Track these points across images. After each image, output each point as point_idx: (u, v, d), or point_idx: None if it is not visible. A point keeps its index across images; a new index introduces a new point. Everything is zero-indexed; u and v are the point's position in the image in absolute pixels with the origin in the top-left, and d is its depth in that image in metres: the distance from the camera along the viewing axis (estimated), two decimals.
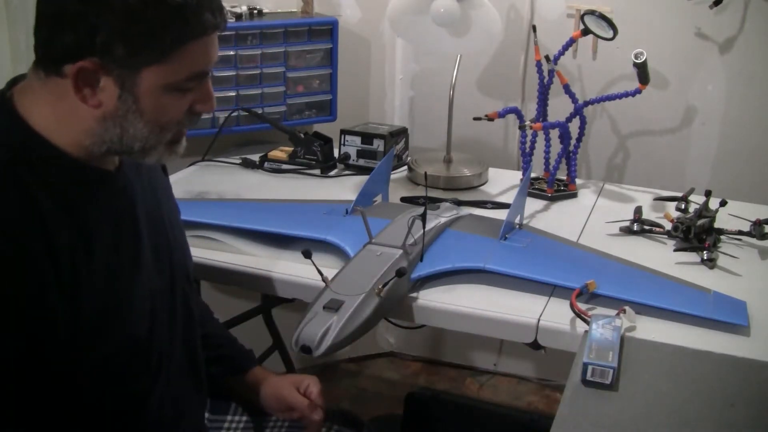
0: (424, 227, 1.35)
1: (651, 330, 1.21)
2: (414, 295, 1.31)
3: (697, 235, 1.50)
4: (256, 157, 1.93)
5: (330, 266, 1.32)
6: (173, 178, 1.83)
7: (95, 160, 0.99)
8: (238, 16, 1.91)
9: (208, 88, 0.99)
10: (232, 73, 1.91)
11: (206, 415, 1.31)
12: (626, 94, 1.70)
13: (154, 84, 0.93)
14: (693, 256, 1.48)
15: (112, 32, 0.88)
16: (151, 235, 1.07)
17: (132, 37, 0.89)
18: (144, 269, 1.05)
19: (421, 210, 1.35)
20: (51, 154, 0.94)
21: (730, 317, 1.23)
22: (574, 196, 1.82)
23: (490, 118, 1.64)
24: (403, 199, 1.73)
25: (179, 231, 1.19)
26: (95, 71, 0.90)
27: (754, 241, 1.53)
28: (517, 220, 1.54)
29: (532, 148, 1.85)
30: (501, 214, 1.56)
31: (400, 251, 1.32)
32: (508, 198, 1.74)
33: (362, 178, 1.72)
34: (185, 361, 1.16)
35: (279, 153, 1.94)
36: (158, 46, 0.91)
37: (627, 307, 1.22)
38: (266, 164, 1.91)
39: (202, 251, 1.43)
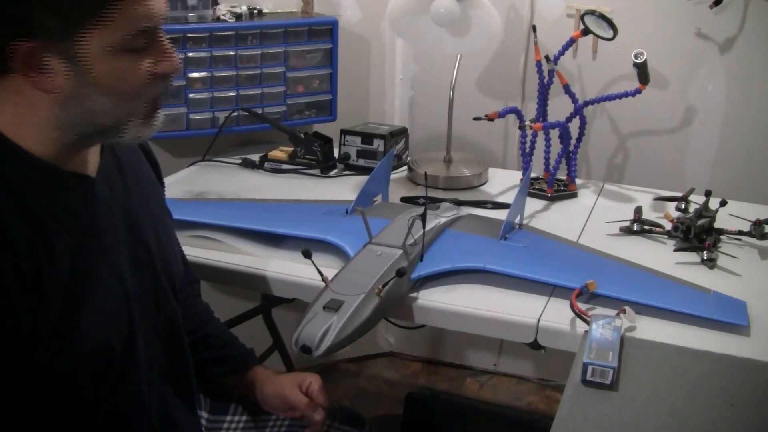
0: (424, 227, 1.35)
1: (651, 330, 1.21)
2: (414, 295, 1.31)
3: (697, 235, 1.50)
4: (256, 157, 1.93)
5: (330, 266, 1.32)
6: (173, 178, 1.84)
7: (68, 160, 0.96)
8: (238, 16, 1.91)
9: (164, 46, 0.94)
10: (232, 73, 1.91)
11: (205, 415, 1.32)
12: (626, 94, 1.70)
13: (99, 48, 0.89)
14: (693, 256, 1.48)
15: (39, 5, 0.86)
16: (129, 241, 1.04)
17: (59, 3, 0.87)
18: (116, 276, 1.01)
19: (421, 210, 1.35)
20: (14, 155, 0.92)
21: (730, 317, 1.23)
22: (574, 196, 1.82)
23: (490, 118, 1.63)
24: (403, 199, 1.73)
25: (167, 237, 1.16)
26: (38, 51, 0.88)
27: (754, 241, 1.53)
28: (517, 220, 1.54)
29: (532, 148, 1.85)
30: (501, 214, 1.56)
31: (400, 251, 1.31)
32: (508, 198, 1.74)
33: (362, 178, 1.72)
34: (170, 368, 1.14)
35: (279, 153, 1.94)
36: (87, 5, 0.88)
37: (627, 307, 1.22)
38: (266, 164, 1.91)
39: (202, 251, 1.43)
